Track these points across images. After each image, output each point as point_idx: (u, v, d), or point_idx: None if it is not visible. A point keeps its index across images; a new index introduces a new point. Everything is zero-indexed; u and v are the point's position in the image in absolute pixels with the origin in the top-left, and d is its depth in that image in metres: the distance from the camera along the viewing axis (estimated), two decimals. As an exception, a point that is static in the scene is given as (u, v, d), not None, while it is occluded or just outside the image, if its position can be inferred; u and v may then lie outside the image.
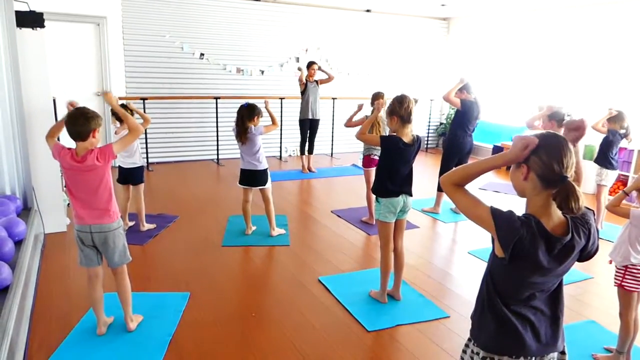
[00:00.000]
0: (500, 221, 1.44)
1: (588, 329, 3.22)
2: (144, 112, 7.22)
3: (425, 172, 7.78)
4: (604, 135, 5.10)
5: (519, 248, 1.42)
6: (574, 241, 1.45)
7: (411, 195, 3.34)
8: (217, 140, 7.98)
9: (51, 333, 2.94)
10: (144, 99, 7.28)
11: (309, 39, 8.70)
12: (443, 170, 5.59)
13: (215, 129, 7.94)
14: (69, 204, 4.77)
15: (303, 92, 7.28)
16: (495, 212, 1.45)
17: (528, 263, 1.44)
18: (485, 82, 9.09)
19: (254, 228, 4.79)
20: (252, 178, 4.50)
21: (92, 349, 2.79)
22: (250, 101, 4.63)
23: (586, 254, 1.52)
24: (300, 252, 4.39)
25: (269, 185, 4.58)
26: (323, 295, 3.57)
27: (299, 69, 7.29)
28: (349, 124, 4.91)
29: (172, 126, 7.91)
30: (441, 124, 10.33)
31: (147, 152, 7.45)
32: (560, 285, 1.57)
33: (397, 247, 3.43)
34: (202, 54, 7.85)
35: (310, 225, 5.21)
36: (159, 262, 4.05)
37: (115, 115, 4.25)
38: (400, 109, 3.16)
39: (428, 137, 10.27)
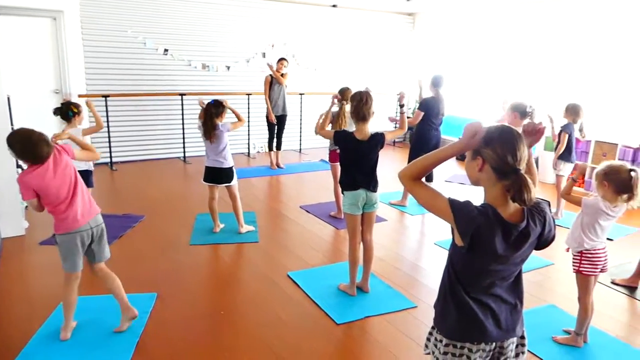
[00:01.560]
0: (458, 211, 1.48)
1: (549, 313, 3.33)
2: (107, 110, 7.09)
3: (392, 166, 7.86)
4: (567, 134, 5.21)
5: (477, 236, 1.46)
6: (530, 228, 1.50)
7: (372, 190, 3.35)
8: (184, 138, 7.85)
9: (11, 338, 2.85)
10: (105, 96, 7.09)
11: (275, 34, 8.64)
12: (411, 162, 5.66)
13: (181, 126, 7.81)
14: (26, 206, 4.63)
15: (270, 88, 7.23)
16: (453, 203, 1.49)
17: (486, 251, 1.48)
18: (451, 76, 9.22)
19: (222, 226, 4.74)
20: (218, 175, 4.46)
21: (56, 353, 2.71)
22: (216, 97, 4.59)
23: (543, 241, 1.57)
24: (270, 249, 4.38)
25: (235, 182, 4.54)
26: (292, 290, 3.57)
27: (269, 65, 7.24)
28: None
29: (136, 124, 7.73)
30: (408, 118, 10.43)
31: (110, 151, 7.28)
32: (519, 273, 1.62)
33: (365, 240, 3.46)
34: (166, 50, 7.70)
35: (279, 221, 5.20)
36: (124, 263, 3.96)
37: (61, 114, 4.14)
38: (356, 107, 3.22)
39: (395, 131, 10.35)
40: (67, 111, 4.20)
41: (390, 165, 7.86)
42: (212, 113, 4.29)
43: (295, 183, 6.85)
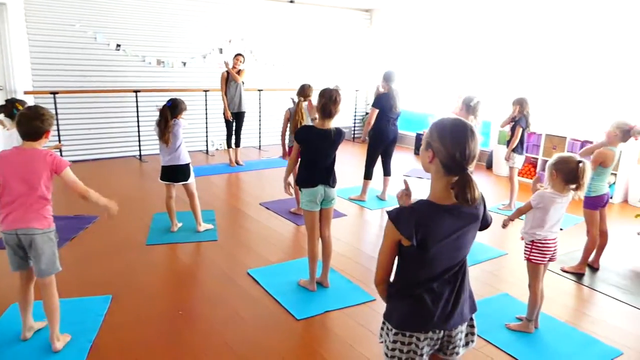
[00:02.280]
0: (396, 221, 1.52)
1: (502, 301, 3.44)
2: (56, 107, 6.81)
3: (352, 161, 7.93)
4: (521, 128, 5.35)
5: (420, 232, 1.50)
6: (472, 209, 1.56)
7: (331, 186, 3.36)
8: (139, 136, 7.65)
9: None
10: (54, 93, 6.82)
11: (232, 30, 8.53)
12: (369, 159, 5.73)
13: (136, 123, 7.60)
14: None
15: (226, 84, 7.13)
16: (390, 216, 1.54)
17: (433, 240, 1.52)
18: (408, 72, 9.39)
19: (179, 225, 4.65)
20: (175, 173, 4.37)
21: (4, 356, 2.60)
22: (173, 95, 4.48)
23: (483, 223, 1.64)
24: (229, 246, 4.33)
25: (192, 180, 4.47)
26: (252, 288, 3.55)
27: (225, 63, 7.13)
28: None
29: (88, 122, 7.47)
30: (366, 113, 10.54)
31: (60, 151, 6.99)
32: (464, 262, 1.66)
33: (324, 235, 3.47)
34: (118, 45, 7.47)
35: (238, 218, 5.15)
36: (77, 265, 3.83)
37: (6, 112, 3.97)
38: (325, 105, 3.22)
39: (354, 127, 10.46)
40: (12, 109, 4.01)
41: (349, 161, 7.93)
42: (167, 116, 4.20)
43: (255, 180, 6.80)
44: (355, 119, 10.43)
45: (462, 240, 1.58)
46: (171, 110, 4.21)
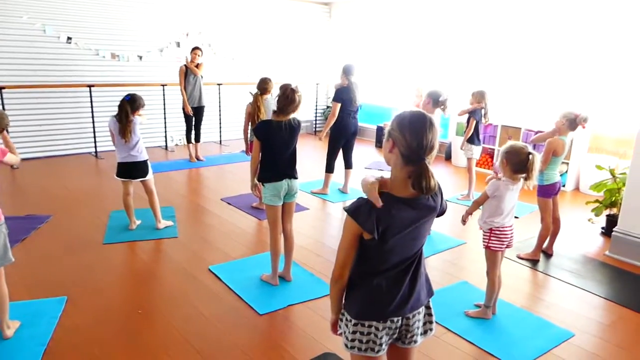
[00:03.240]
0: (356, 215, 1.53)
1: (461, 289, 3.52)
2: (3, 103, 6.50)
3: (314, 155, 7.93)
4: (475, 120, 5.52)
5: (380, 224, 1.51)
6: (429, 201, 1.58)
7: (295, 178, 3.36)
8: (94, 132, 7.39)
9: None
10: (0, 87, 6.50)
11: (190, 23, 8.35)
12: (330, 152, 5.74)
13: (91, 119, 7.34)
14: None
15: (185, 79, 6.98)
16: (348, 212, 1.54)
17: (392, 232, 1.53)
18: (368, 65, 9.45)
19: (138, 222, 4.54)
20: (132, 170, 4.25)
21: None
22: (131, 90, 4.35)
23: (440, 211, 1.67)
24: (190, 243, 4.26)
25: (150, 176, 4.36)
26: (214, 284, 3.50)
27: (186, 58, 6.99)
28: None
29: (40, 118, 7.16)
30: (327, 107, 10.57)
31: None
32: (420, 251, 1.69)
33: (286, 229, 3.45)
34: (69, 38, 7.18)
35: (199, 215, 5.07)
36: (29, 267, 3.67)
37: None
38: (284, 101, 3.19)
39: (316, 120, 10.46)
40: None
41: (312, 154, 7.93)
42: (128, 110, 4.07)
43: (216, 175, 6.71)
44: (316, 113, 10.42)
45: (420, 230, 1.61)
46: (130, 105, 4.09)
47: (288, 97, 3.18)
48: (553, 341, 2.87)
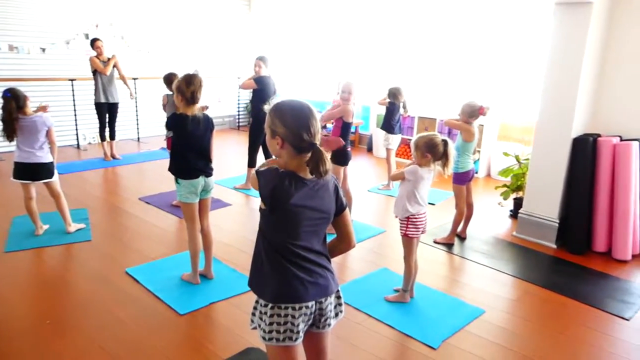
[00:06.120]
0: (261, 176, 1.59)
1: (382, 275, 3.63)
2: None
3: (238, 149, 7.80)
4: (387, 107, 5.86)
5: (277, 196, 1.56)
6: (323, 182, 1.64)
7: (211, 175, 3.28)
8: (-7, 131, 6.78)
9: None
10: None
11: (99, 13, 7.87)
12: (252, 146, 5.68)
13: (-12, 117, 6.73)
14: None
15: (94, 73, 6.60)
16: (257, 172, 1.61)
17: (288, 207, 1.57)
18: (289, 58, 9.44)
19: (45, 227, 4.23)
20: (34, 171, 3.94)
21: None
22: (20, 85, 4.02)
23: (339, 207, 1.72)
24: (105, 246, 4.05)
25: (56, 177, 4.07)
26: (131, 287, 3.35)
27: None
28: None
29: None
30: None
31: None
32: (325, 237, 1.73)
33: (203, 226, 3.37)
34: (-41, 29, 6.53)
35: (115, 215, 4.82)
36: None
37: None
38: (186, 90, 3.05)
39: (239, 115, 10.31)
40: None
41: (233, 149, 7.80)
42: (11, 109, 3.75)
43: (134, 174, 6.42)
44: (239, 108, 10.27)
45: (319, 212, 1.64)
46: (14, 102, 3.77)
47: (190, 82, 3.05)
48: (466, 319, 3.04)
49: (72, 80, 7.37)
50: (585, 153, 4.09)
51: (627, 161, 3.97)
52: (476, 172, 6.49)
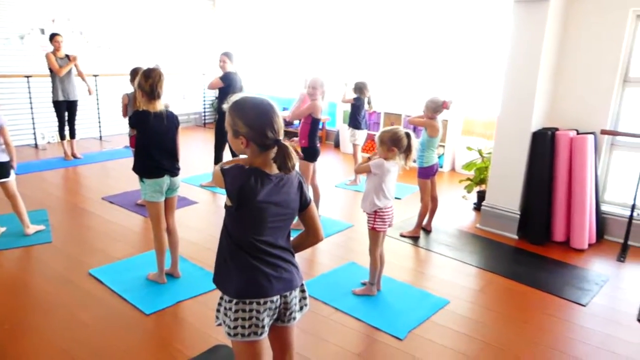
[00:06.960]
0: (226, 174, 1.57)
1: (350, 269, 3.66)
2: None
3: (204, 147, 7.69)
4: (353, 103, 5.90)
5: (244, 193, 1.55)
6: (288, 177, 1.65)
7: (177, 174, 3.23)
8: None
9: None
10: None
11: (55, 8, 7.60)
12: (218, 144, 5.62)
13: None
14: None
15: (52, 70, 6.38)
16: (222, 169, 1.58)
17: (254, 204, 1.57)
18: (253, 55, 9.37)
19: (2, 229, 4.09)
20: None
21: None
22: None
23: (304, 203, 1.73)
24: (66, 247, 3.93)
25: (12, 177, 3.92)
26: (95, 289, 3.28)
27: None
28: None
29: None
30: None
31: None
32: (289, 232, 1.74)
33: (168, 224, 3.32)
34: None
35: (77, 216, 4.69)
36: None
37: None
38: (145, 84, 2.97)
39: (205, 112, 10.18)
40: None
41: (201, 147, 7.70)
42: None
43: (97, 173, 6.25)
44: (204, 104, 10.13)
45: (284, 207, 1.65)
46: None
47: (148, 76, 2.97)
48: (431, 309, 3.10)
49: (27, 77, 7.11)
50: (544, 146, 4.23)
51: (583, 154, 4.12)
52: (441, 167, 6.63)
